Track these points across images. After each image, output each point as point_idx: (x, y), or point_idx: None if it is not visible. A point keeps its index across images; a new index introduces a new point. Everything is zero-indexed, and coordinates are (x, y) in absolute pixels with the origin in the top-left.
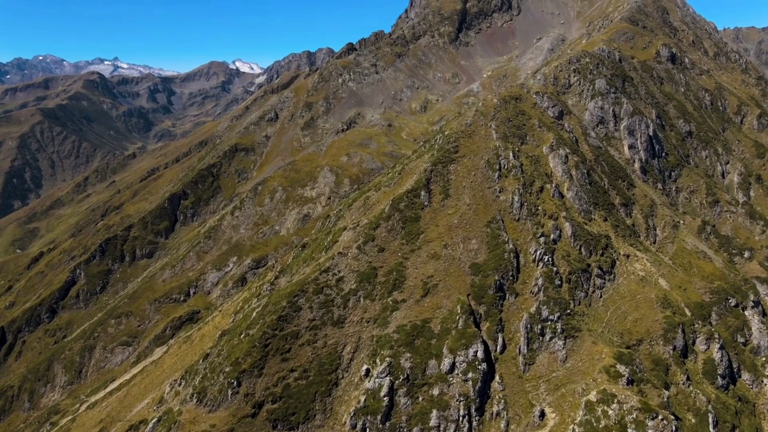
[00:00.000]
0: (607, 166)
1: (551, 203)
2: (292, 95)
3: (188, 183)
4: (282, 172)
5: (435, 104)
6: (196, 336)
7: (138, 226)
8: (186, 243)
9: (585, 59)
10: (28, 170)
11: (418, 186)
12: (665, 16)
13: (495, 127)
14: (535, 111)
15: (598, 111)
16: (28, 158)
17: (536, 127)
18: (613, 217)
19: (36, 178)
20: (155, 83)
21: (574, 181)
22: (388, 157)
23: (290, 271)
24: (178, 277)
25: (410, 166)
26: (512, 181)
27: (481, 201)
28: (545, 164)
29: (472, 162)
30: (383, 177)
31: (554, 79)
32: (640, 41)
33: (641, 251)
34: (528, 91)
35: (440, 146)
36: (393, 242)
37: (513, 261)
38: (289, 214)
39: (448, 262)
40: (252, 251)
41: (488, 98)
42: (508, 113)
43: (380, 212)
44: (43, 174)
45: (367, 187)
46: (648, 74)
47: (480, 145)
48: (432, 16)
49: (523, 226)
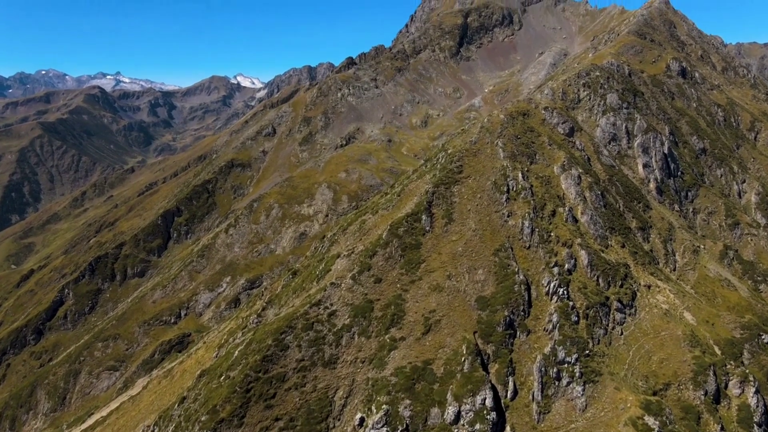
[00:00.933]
0: (622, 187)
1: (565, 229)
2: (290, 110)
3: (182, 199)
4: (278, 189)
5: (436, 119)
6: (177, 371)
7: (130, 243)
8: (179, 262)
9: (595, 73)
10: (26, 184)
11: (419, 209)
12: (672, 30)
13: (502, 145)
14: (544, 127)
15: (610, 127)
16: (27, 172)
17: (546, 145)
18: (630, 243)
19: (35, 192)
20: (156, 97)
21: (589, 204)
22: (387, 173)
23: (278, 302)
24: (169, 298)
25: (410, 187)
26: (522, 204)
27: (487, 226)
28: (557, 185)
29: (477, 183)
30: (381, 198)
31: (563, 93)
32: (649, 55)
33: (663, 281)
34: (536, 107)
35: (443, 166)
36: (391, 272)
37: (524, 294)
38: (285, 232)
39: (452, 295)
40: (246, 271)
41: (494, 114)
42: (516, 130)
43: (377, 238)
44: (42, 188)
45: (363, 209)
46: (658, 89)
47: (486, 164)
48: (433, 30)
49: (534, 255)
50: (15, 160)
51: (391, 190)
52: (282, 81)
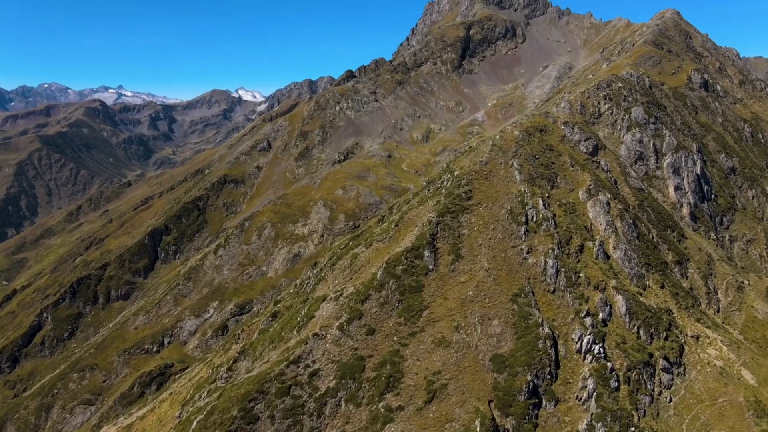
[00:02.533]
0: (653, 213)
1: (595, 267)
2: (287, 124)
3: (171, 217)
4: (272, 207)
5: (438, 134)
6: (138, 429)
7: (114, 264)
8: (165, 284)
9: (616, 84)
10: (24, 198)
11: (421, 243)
12: (688, 41)
13: (518, 167)
14: (564, 145)
15: (636, 145)
16: (24, 186)
17: (568, 166)
18: (669, 282)
19: (32, 206)
20: (156, 111)
21: (621, 236)
22: (387, 190)
23: (253, 353)
24: (152, 324)
25: (410, 216)
26: (543, 237)
27: (503, 265)
28: (583, 214)
29: (490, 212)
30: (376, 227)
31: (581, 106)
32: (668, 66)
33: (711, 329)
34: (554, 121)
35: (448, 190)
36: (386, 321)
37: (550, 351)
38: (278, 253)
39: (461, 352)
40: (235, 295)
41: (507, 130)
42: (533, 149)
43: (370, 278)
44: (39, 202)
45: (356, 239)
46: (681, 102)
47: (500, 189)
48: (434, 43)
49: (561, 301)
50: (12, 174)
51: (388, 216)
52: (283, 95)
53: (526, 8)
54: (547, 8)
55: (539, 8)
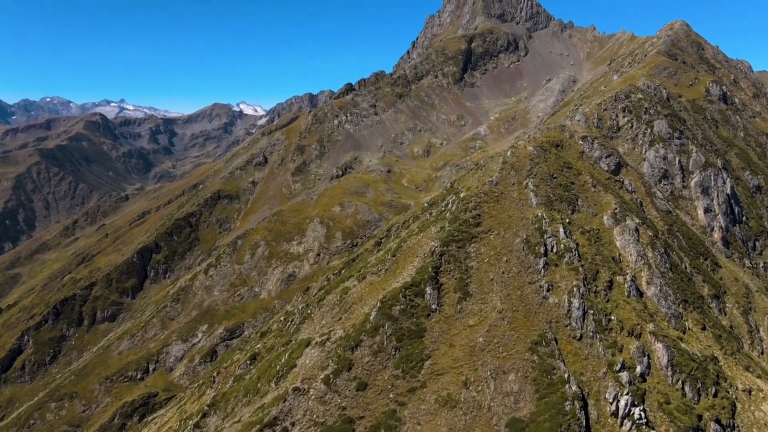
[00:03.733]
0: (684, 239)
1: (628, 308)
2: (284, 137)
3: (162, 234)
4: (266, 224)
5: (439, 148)
6: None
7: (101, 283)
8: (153, 305)
9: (636, 95)
10: (21, 211)
11: (422, 278)
12: (701, 52)
13: (534, 188)
14: (583, 163)
15: (660, 162)
16: (22, 199)
17: (590, 187)
18: (709, 321)
19: (29, 220)
20: (157, 124)
21: (654, 269)
22: (386, 207)
23: (225, 407)
24: (137, 349)
25: (410, 244)
26: (566, 272)
27: (519, 305)
28: (610, 243)
29: (502, 240)
30: (370, 255)
31: (598, 119)
32: (684, 77)
33: (762, 378)
34: (571, 136)
35: (454, 215)
36: (381, 374)
37: (579, 415)
38: (272, 273)
39: (470, 415)
40: (226, 318)
41: (520, 145)
42: (550, 167)
43: (363, 319)
44: (37, 215)
45: (348, 271)
46: (700, 116)
47: (513, 213)
48: (435, 55)
49: (589, 350)
50: (11, 187)
51: (385, 242)
52: (283, 108)
53: (528, 21)
54: (550, 21)
55: (541, 21)
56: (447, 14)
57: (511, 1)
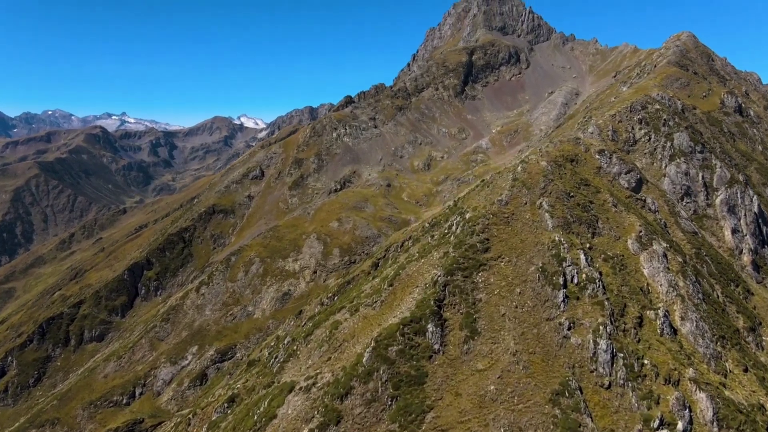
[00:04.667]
0: (713, 264)
1: (662, 349)
2: (281, 150)
3: (154, 250)
4: (261, 240)
5: (440, 161)
6: None
7: (90, 301)
8: (142, 324)
9: (653, 106)
10: (19, 224)
11: (423, 313)
12: (711, 63)
13: (549, 208)
14: (601, 179)
15: (681, 178)
16: (20, 212)
17: (610, 207)
18: (749, 360)
19: (27, 233)
20: (157, 137)
21: (687, 302)
22: (386, 222)
23: None
24: (124, 372)
25: (409, 271)
26: (590, 306)
27: (536, 346)
28: (636, 271)
29: (514, 269)
30: (365, 281)
31: (612, 132)
32: (697, 88)
33: None
34: (586, 150)
35: (459, 238)
36: (375, 428)
37: None
38: (266, 291)
39: None
40: (217, 339)
41: (532, 160)
42: (566, 184)
43: (355, 361)
44: (35, 228)
45: (339, 301)
46: (717, 128)
47: (526, 237)
48: (436, 68)
49: (620, 402)
50: (9, 200)
51: (381, 266)
52: (283, 121)
53: (530, 34)
54: (551, 34)
55: (543, 34)
56: (447, 27)
57: (512, 14)
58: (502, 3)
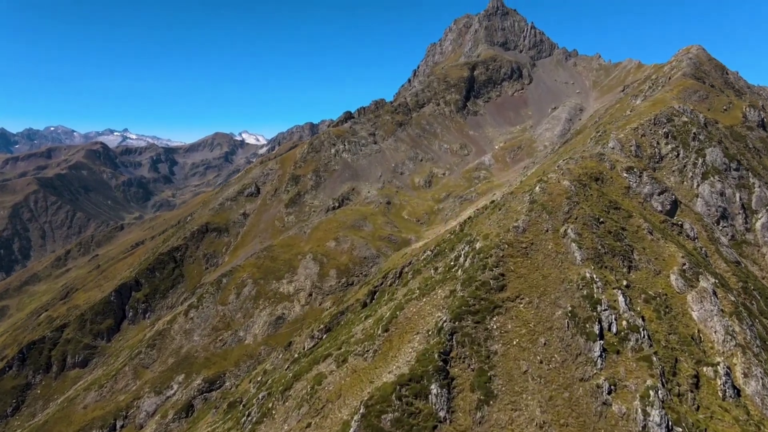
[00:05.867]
0: (762, 300)
1: (727, 418)
2: (278, 167)
3: (143, 270)
4: (254, 261)
5: (441, 178)
6: None
7: (74, 324)
8: (128, 350)
9: (680, 118)
10: (17, 241)
11: (424, 369)
12: (725, 76)
13: (576, 236)
14: (631, 201)
15: (716, 199)
16: (18, 228)
17: (645, 234)
18: None
19: (24, 249)
20: (158, 153)
21: (748, 353)
22: (385, 242)
23: None
24: (105, 402)
25: (408, 313)
26: (634, 363)
27: (568, 415)
28: (683, 314)
29: (537, 312)
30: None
31: (636, 147)
32: (716, 101)
33: None
34: (612, 167)
35: (468, 274)
36: None
37: None
38: (259, 315)
39: None
40: (205, 366)
41: (551, 179)
42: (593, 207)
43: (340, 431)
44: (33, 245)
45: (324, 345)
46: (741, 144)
47: (550, 272)
48: (437, 83)
49: None
50: (7, 216)
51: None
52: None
53: (532, 49)
54: (553, 50)
55: (545, 50)
56: (449, 42)
57: (514, 30)
58: (504, 19)
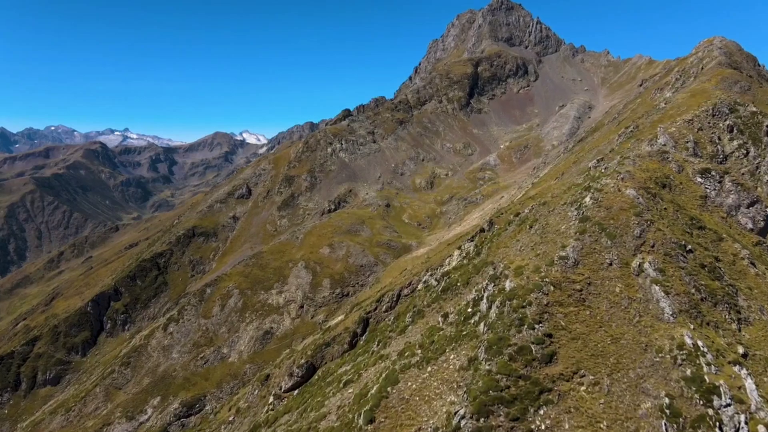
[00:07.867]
0: None
1: None
2: (271, 167)
3: (123, 279)
4: (242, 269)
5: (444, 179)
6: None
7: (46, 338)
8: (102, 367)
9: (747, 108)
10: (12, 241)
11: None
12: (758, 68)
13: (657, 275)
14: (712, 216)
15: None
16: (14, 229)
17: (746, 266)
18: None
19: (20, 250)
20: (157, 153)
21: None
22: (384, 248)
23: None
24: (72, 428)
25: (405, 393)
26: None
27: None
28: None
29: (607, 403)
30: (335, 380)
31: (694, 144)
32: (760, 93)
33: None
34: (680, 169)
35: (496, 332)
36: None
37: None
38: (245, 330)
39: None
40: (184, 388)
41: (609, 188)
42: (674, 229)
43: None
44: (29, 245)
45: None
46: None
47: (623, 332)
48: (439, 79)
49: None
50: (3, 216)
51: (360, 354)
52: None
53: (538, 45)
54: (560, 46)
55: (551, 46)
56: (451, 38)
57: (519, 25)
58: (509, 13)
